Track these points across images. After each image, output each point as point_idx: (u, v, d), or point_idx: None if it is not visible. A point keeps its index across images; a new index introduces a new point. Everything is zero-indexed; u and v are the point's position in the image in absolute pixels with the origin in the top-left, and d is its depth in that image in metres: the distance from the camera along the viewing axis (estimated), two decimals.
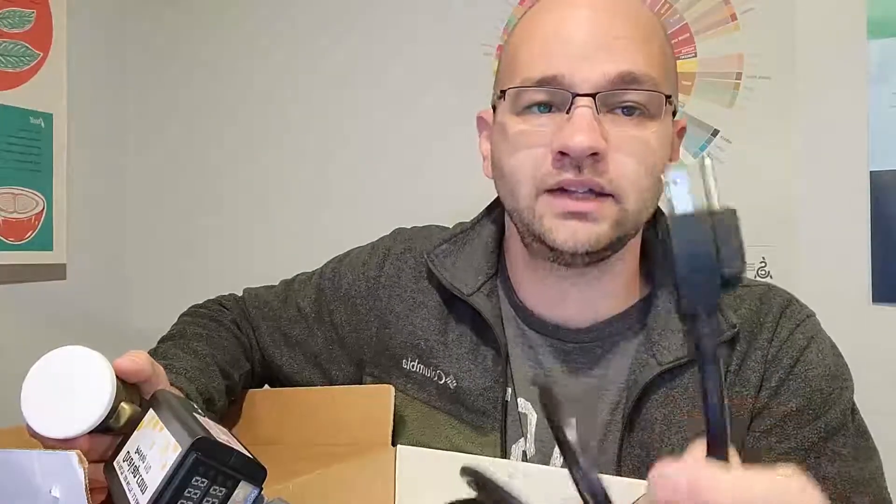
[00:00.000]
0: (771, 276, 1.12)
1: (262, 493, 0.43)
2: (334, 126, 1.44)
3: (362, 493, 0.60)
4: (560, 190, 0.60)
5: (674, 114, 0.64)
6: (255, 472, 0.43)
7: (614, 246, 0.62)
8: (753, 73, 1.13)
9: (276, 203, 1.49)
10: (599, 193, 0.59)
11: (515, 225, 0.66)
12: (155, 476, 0.41)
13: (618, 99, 0.59)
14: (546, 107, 0.61)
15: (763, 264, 1.12)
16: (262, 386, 0.83)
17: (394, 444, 0.66)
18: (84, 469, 0.43)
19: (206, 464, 0.41)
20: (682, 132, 0.69)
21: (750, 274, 1.12)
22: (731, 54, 1.14)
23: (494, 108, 0.67)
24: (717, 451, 0.30)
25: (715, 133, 1.15)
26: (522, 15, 0.67)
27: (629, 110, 0.59)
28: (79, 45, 1.46)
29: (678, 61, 1.16)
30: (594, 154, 0.58)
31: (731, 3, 1.14)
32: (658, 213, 0.71)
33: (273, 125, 1.49)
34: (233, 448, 0.42)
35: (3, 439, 0.57)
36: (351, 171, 1.42)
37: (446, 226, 0.81)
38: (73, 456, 0.43)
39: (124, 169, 1.60)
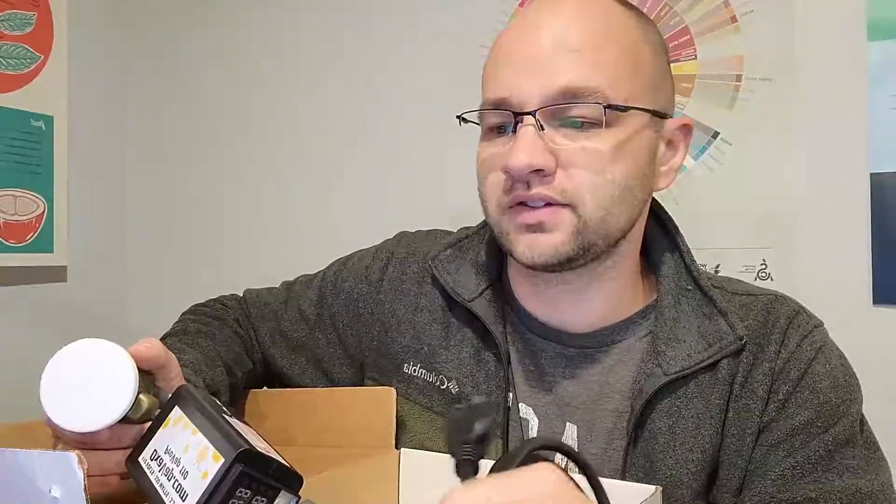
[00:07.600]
0: (771, 279, 1.12)
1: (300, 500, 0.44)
2: (333, 127, 1.44)
3: (365, 495, 0.60)
4: (519, 204, 0.61)
5: (660, 114, 0.63)
6: (292, 481, 0.44)
7: (582, 255, 0.61)
8: (754, 75, 1.13)
9: (277, 204, 1.49)
10: (555, 204, 0.60)
11: None
12: (195, 485, 0.42)
13: (563, 114, 0.60)
14: (503, 128, 0.63)
15: (763, 266, 1.12)
16: (262, 386, 0.83)
17: (395, 447, 0.65)
18: (84, 469, 0.43)
19: (249, 475, 0.42)
20: (685, 129, 0.66)
21: (750, 276, 1.12)
22: (731, 56, 1.14)
23: None
24: None
25: (715, 135, 1.15)
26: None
27: (577, 123, 0.60)
28: (79, 48, 1.46)
29: (678, 63, 1.16)
30: (539, 170, 0.59)
31: (731, 5, 1.14)
32: (663, 222, 0.71)
33: (273, 127, 1.49)
34: (272, 458, 0.43)
35: (2, 435, 0.57)
36: (350, 171, 1.42)
37: (450, 230, 0.81)
38: (72, 456, 0.43)
39: (125, 171, 1.60)
